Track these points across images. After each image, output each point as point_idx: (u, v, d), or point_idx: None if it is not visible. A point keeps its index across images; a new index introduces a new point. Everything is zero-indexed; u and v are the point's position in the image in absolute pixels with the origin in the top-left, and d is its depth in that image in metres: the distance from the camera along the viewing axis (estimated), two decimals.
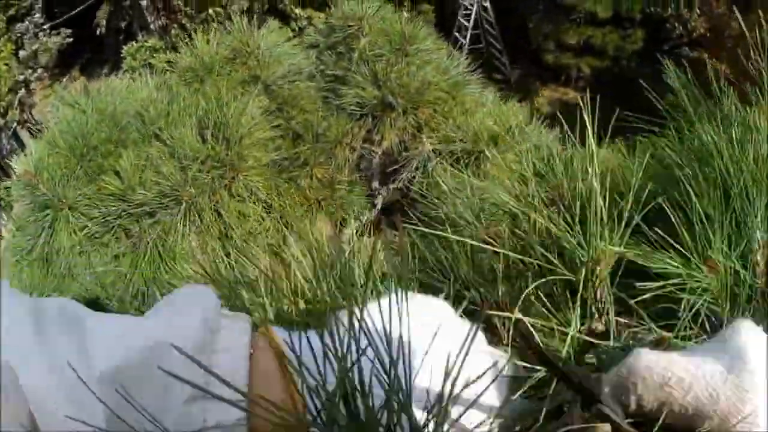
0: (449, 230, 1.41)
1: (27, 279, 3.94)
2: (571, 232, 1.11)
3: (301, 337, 0.80)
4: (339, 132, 4.39)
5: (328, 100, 4.51)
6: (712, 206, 1.19)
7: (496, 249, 1.30)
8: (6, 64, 15.20)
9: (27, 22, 16.36)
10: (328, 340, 0.75)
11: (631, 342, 1.04)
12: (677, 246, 1.12)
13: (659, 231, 1.13)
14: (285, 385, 0.82)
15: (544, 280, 1.16)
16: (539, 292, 1.18)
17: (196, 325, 0.81)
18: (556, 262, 1.13)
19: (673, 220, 1.17)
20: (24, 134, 15.68)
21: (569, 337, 1.12)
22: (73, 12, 16.99)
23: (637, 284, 1.10)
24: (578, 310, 1.14)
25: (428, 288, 1.36)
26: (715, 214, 1.18)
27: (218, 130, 3.88)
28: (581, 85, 15.84)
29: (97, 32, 16.74)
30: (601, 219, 1.07)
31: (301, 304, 1.47)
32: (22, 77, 15.64)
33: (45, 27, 16.76)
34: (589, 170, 1.15)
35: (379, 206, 4.68)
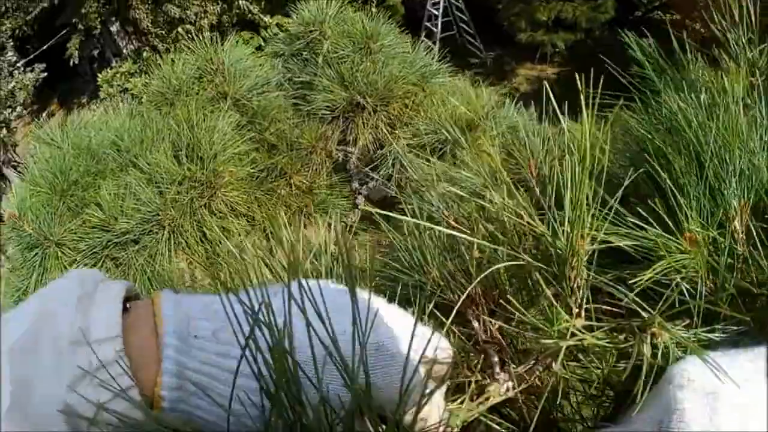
0: (423, 222, 1.39)
1: None
2: (541, 219, 1.08)
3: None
4: (312, 137, 4.40)
5: (299, 107, 4.52)
6: (685, 177, 1.19)
7: (464, 234, 1.27)
8: None
9: (0, 63, 16.33)
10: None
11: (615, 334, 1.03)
12: (653, 222, 1.09)
13: (633, 207, 1.10)
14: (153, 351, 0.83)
15: (512, 263, 1.12)
16: (510, 286, 1.17)
17: (74, 286, 0.83)
18: (521, 252, 1.09)
19: (645, 194, 1.16)
20: (11, 174, 15.68)
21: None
22: (45, 46, 16.99)
23: (616, 271, 1.07)
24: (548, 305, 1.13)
25: (395, 282, 1.35)
26: (689, 185, 1.17)
27: (192, 151, 3.89)
28: (557, 61, 15.82)
29: (71, 63, 16.71)
30: (574, 204, 1.02)
31: None
32: (1, 117, 15.62)
33: (19, 65, 16.74)
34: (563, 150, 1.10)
35: (361, 206, 4.70)
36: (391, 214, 1.28)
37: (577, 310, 1.05)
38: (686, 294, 1.04)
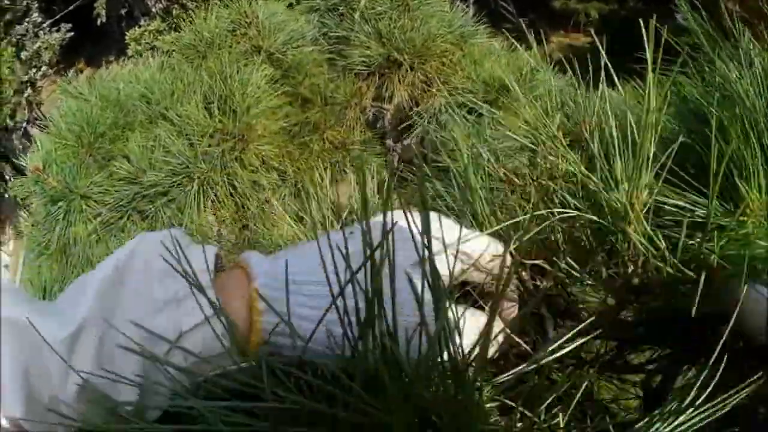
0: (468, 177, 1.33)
1: (46, 273, 3.93)
2: (594, 172, 1.01)
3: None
4: (347, 93, 4.36)
5: (334, 62, 4.46)
6: (741, 145, 1.12)
7: (514, 185, 1.23)
8: (9, 68, 15.15)
9: (26, 24, 16.29)
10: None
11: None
12: (708, 187, 1.02)
13: (687, 172, 1.04)
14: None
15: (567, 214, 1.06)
16: (565, 241, 1.10)
17: (166, 237, 0.83)
18: (580, 205, 1.03)
19: (702, 160, 1.11)
20: (35, 132, 15.69)
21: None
22: (72, 6, 16.96)
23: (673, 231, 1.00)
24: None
25: None
26: (746, 154, 1.10)
27: (224, 103, 3.85)
28: (590, 30, 15.72)
29: (98, 23, 16.68)
30: (630, 157, 0.98)
31: None
32: (26, 77, 15.59)
33: (44, 25, 16.71)
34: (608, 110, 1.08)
35: (395, 163, 4.64)
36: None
37: (632, 267, 0.99)
38: None
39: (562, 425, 0.86)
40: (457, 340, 0.64)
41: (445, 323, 0.60)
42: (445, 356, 0.63)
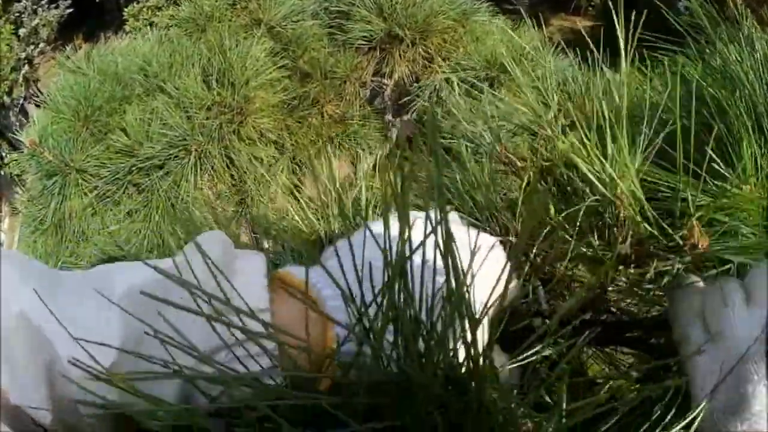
0: (467, 155, 1.32)
1: (41, 248, 3.91)
2: (588, 150, 1.00)
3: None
4: (347, 67, 4.33)
5: (334, 36, 4.43)
6: (740, 127, 1.11)
7: (515, 167, 1.22)
8: (7, 45, 15.09)
9: (24, 1, 16.24)
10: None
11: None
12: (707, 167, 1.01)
13: (684, 153, 1.02)
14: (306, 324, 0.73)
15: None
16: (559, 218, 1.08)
17: (212, 253, 0.71)
18: (576, 181, 1.03)
19: (701, 140, 1.09)
20: (32, 109, 15.63)
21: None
22: None
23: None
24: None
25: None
26: (744, 136, 1.08)
27: (223, 76, 3.84)
28: (592, 14, 15.71)
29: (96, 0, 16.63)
30: (622, 136, 0.98)
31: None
32: (23, 54, 15.55)
33: (43, 2, 16.65)
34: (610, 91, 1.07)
35: (393, 139, 4.63)
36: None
37: (622, 240, 0.99)
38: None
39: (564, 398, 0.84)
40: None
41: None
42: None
